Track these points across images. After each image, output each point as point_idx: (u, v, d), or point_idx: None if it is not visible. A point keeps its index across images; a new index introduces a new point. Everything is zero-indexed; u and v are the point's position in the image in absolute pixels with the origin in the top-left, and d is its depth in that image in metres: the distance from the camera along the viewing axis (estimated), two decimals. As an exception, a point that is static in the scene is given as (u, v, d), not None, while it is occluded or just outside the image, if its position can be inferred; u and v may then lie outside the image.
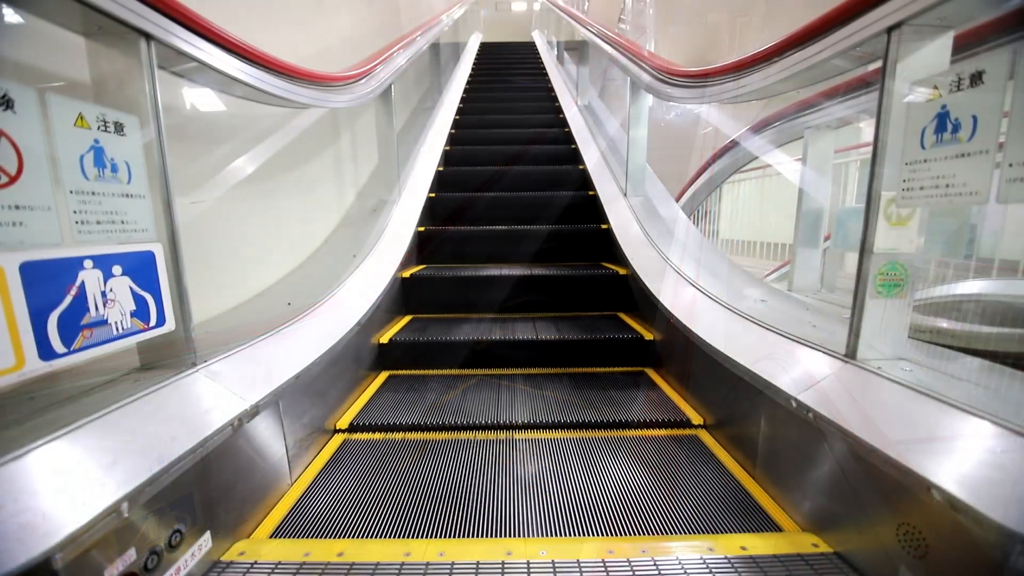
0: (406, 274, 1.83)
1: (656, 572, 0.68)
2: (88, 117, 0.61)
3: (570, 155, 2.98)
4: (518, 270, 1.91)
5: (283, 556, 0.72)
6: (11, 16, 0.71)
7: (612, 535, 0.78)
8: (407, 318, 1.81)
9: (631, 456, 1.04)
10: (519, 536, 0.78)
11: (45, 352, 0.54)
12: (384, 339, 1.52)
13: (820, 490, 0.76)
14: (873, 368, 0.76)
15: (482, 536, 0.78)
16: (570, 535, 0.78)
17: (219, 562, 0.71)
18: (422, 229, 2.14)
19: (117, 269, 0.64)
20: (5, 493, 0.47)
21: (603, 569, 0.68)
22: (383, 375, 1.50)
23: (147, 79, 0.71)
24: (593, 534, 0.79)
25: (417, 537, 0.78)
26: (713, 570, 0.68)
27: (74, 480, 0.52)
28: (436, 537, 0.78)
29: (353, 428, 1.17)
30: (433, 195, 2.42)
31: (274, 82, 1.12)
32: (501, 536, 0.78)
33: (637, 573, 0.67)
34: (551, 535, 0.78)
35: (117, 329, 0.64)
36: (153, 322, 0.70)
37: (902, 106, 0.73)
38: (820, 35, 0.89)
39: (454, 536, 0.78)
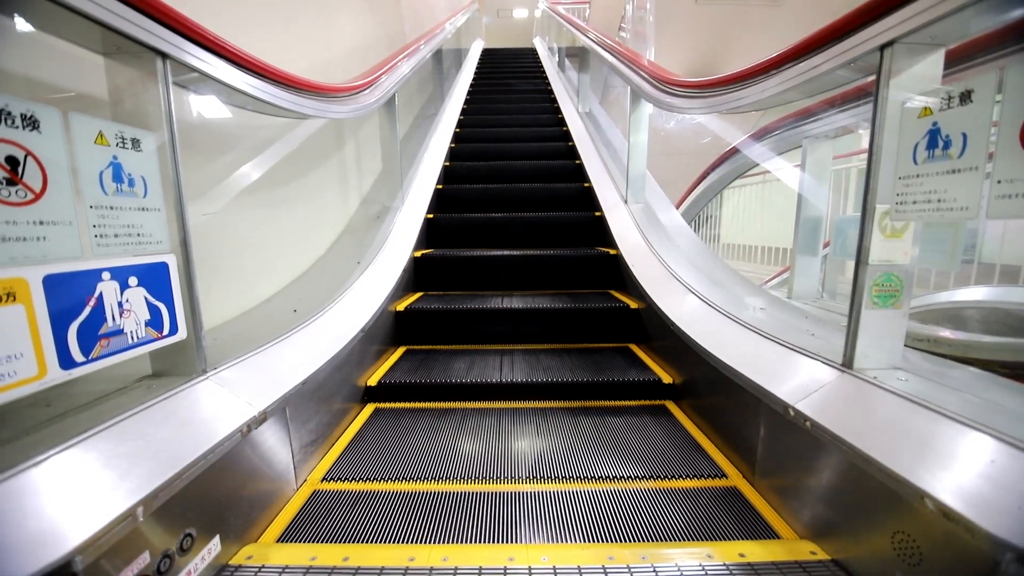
0: (400, 306, 1.75)
1: (656, 578, 0.69)
2: (107, 134, 0.63)
3: (574, 171, 2.91)
4: (518, 302, 1.79)
5: (290, 560, 0.73)
6: (34, 36, 0.74)
7: (612, 541, 0.80)
8: (400, 350, 1.71)
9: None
10: (521, 543, 0.79)
11: (65, 362, 0.56)
12: (372, 381, 1.40)
13: (818, 498, 0.77)
14: (869, 378, 0.77)
15: (485, 543, 0.80)
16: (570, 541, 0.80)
17: (227, 566, 0.72)
18: (418, 254, 2.06)
19: (133, 280, 0.66)
20: (27, 497, 0.48)
21: (603, 575, 0.69)
22: (369, 408, 1.42)
23: (162, 96, 0.73)
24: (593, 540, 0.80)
25: (422, 543, 0.79)
26: (712, 576, 0.69)
27: (91, 485, 0.53)
28: (440, 543, 0.79)
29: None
30: (431, 216, 2.36)
31: (281, 94, 1.15)
32: (504, 543, 0.80)
33: (637, 579, 0.69)
34: (552, 542, 0.80)
35: (132, 338, 0.66)
36: (166, 331, 0.72)
37: (895, 122, 0.75)
38: (816, 50, 0.91)
39: (458, 542, 0.80)
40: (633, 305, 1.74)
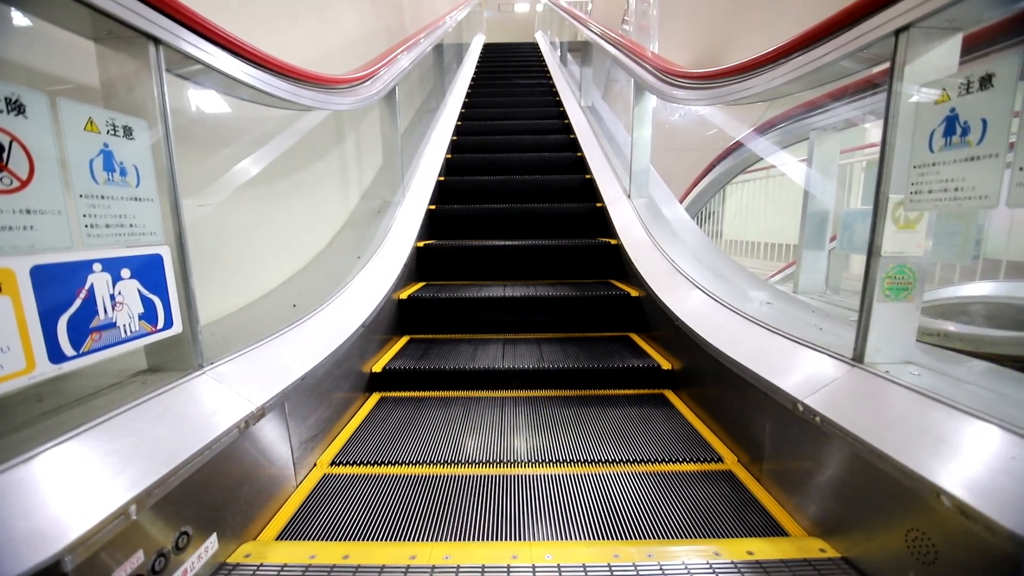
0: (378, 368, 1.43)
1: (662, 577, 0.67)
2: (98, 121, 0.61)
3: (584, 186, 2.68)
4: (526, 360, 1.48)
5: (289, 558, 0.72)
6: (22, 21, 0.72)
7: (617, 539, 0.78)
8: (376, 396, 1.40)
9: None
10: (524, 540, 0.78)
11: (55, 355, 0.54)
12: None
13: (827, 495, 0.76)
14: (881, 372, 0.76)
15: (487, 540, 0.78)
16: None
17: (225, 564, 0.71)
18: (403, 296, 1.78)
19: (126, 272, 0.64)
20: (15, 495, 0.47)
21: (609, 573, 0.68)
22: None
23: (155, 83, 0.71)
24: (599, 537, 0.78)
25: (423, 540, 0.78)
26: (720, 575, 0.68)
27: (83, 482, 0.52)
28: (442, 540, 0.78)
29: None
30: (422, 244, 2.14)
31: (279, 84, 1.13)
32: (506, 540, 0.78)
33: (643, 578, 0.67)
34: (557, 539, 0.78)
35: (125, 332, 0.64)
36: (161, 324, 0.71)
37: (910, 109, 0.72)
38: (826, 38, 0.89)
39: (460, 539, 0.78)
40: (666, 366, 1.44)
